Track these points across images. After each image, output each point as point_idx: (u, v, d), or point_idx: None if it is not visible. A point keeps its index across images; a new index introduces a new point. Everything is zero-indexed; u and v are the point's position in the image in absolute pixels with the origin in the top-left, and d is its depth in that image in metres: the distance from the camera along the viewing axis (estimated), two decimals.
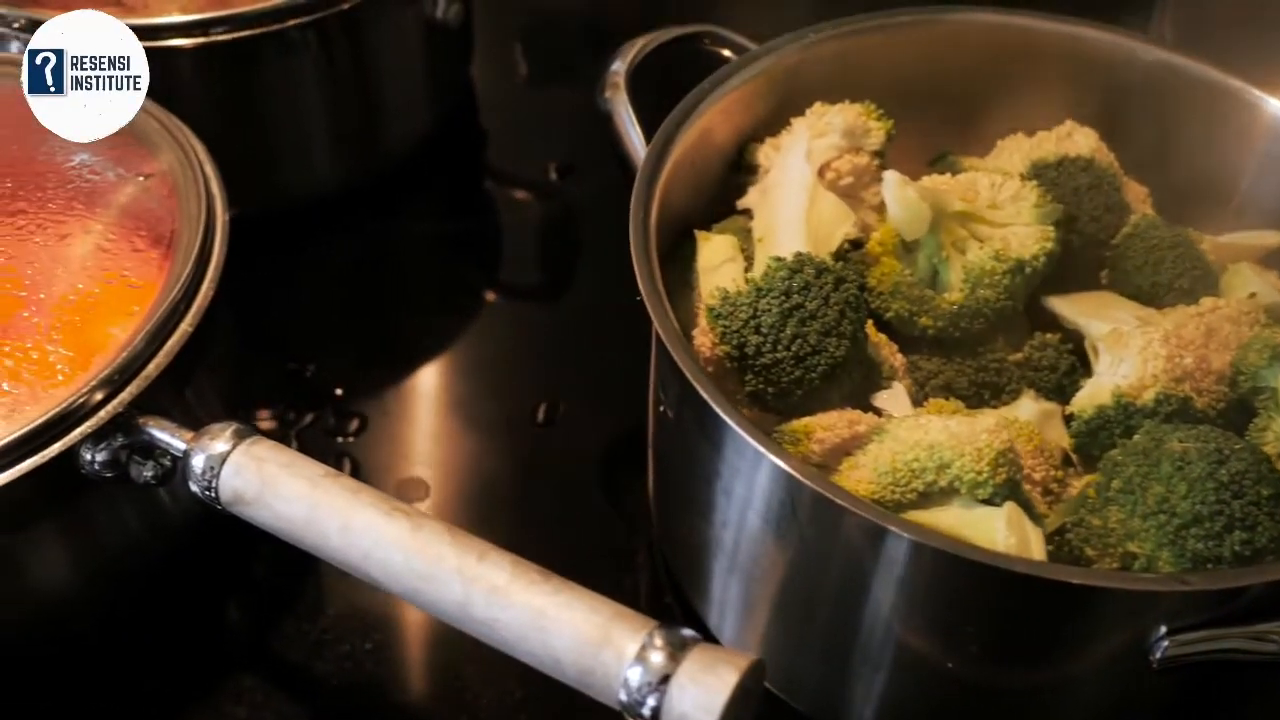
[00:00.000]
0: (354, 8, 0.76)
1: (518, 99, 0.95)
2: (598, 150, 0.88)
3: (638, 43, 0.69)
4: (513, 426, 0.75)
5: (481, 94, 0.93)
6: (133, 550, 0.62)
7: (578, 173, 0.90)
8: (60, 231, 0.60)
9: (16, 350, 0.55)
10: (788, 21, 0.69)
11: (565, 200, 0.89)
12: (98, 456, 0.54)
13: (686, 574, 0.64)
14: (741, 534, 0.56)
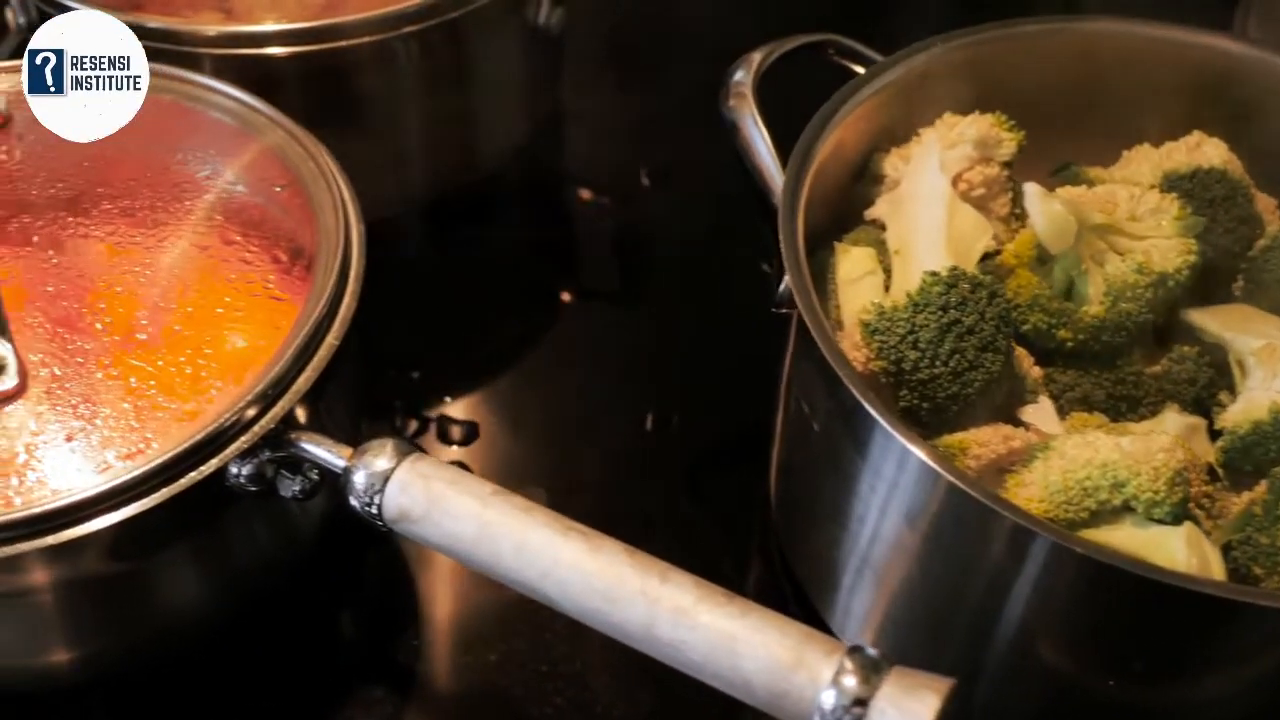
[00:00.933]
0: (459, 18, 0.75)
1: (603, 105, 0.94)
2: (690, 155, 0.90)
3: (761, 51, 0.68)
4: (623, 433, 0.74)
5: (568, 100, 0.92)
6: (259, 564, 0.61)
7: (669, 179, 0.89)
8: (201, 243, 0.59)
9: (170, 364, 0.55)
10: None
11: (657, 207, 0.89)
12: (244, 471, 0.53)
13: (812, 579, 0.64)
14: (880, 543, 0.57)
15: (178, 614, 0.59)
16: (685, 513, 0.72)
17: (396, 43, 0.75)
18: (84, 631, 0.57)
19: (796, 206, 0.59)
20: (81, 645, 0.58)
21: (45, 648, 0.58)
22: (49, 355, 0.54)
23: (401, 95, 0.79)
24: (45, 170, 0.61)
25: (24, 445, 0.52)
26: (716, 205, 0.86)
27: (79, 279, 0.57)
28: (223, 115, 0.64)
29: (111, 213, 0.60)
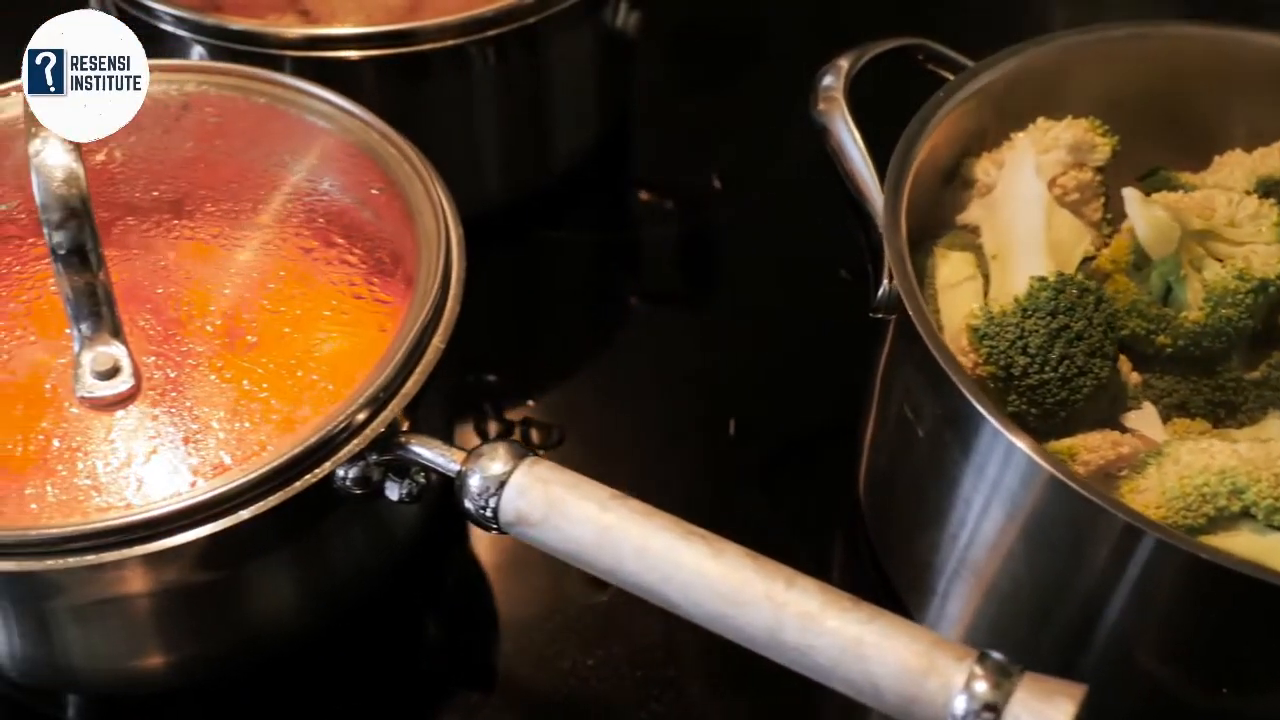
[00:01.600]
0: (538, 22, 0.75)
1: (674, 107, 0.94)
2: (761, 157, 0.90)
3: (850, 55, 0.68)
4: (701, 438, 0.74)
5: (639, 102, 0.92)
6: (355, 569, 0.61)
7: (741, 182, 0.89)
8: (304, 245, 0.59)
9: (279, 368, 0.55)
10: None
11: (729, 210, 0.88)
12: (351, 474, 0.53)
13: (907, 581, 0.64)
14: (983, 546, 0.57)
15: (273, 619, 0.58)
16: (766, 516, 0.72)
17: (473, 47, 0.75)
18: (181, 636, 0.57)
19: (899, 211, 0.59)
20: (178, 649, 0.58)
21: (144, 651, 0.58)
22: (161, 357, 0.54)
23: (477, 99, 0.79)
24: (147, 174, 0.61)
25: (139, 448, 0.52)
26: (789, 208, 0.86)
27: (186, 281, 0.57)
28: (316, 118, 0.64)
29: (215, 215, 0.60)
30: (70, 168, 0.50)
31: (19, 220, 0.59)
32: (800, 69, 0.95)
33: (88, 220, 0.50)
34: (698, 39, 0.94)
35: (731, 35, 0.99)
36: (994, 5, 0.96)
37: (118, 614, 0.55)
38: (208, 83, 0.66)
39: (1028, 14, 0.81)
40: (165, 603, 0.55)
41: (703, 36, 0.96)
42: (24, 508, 0.50)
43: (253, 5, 0.79)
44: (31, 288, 0.56)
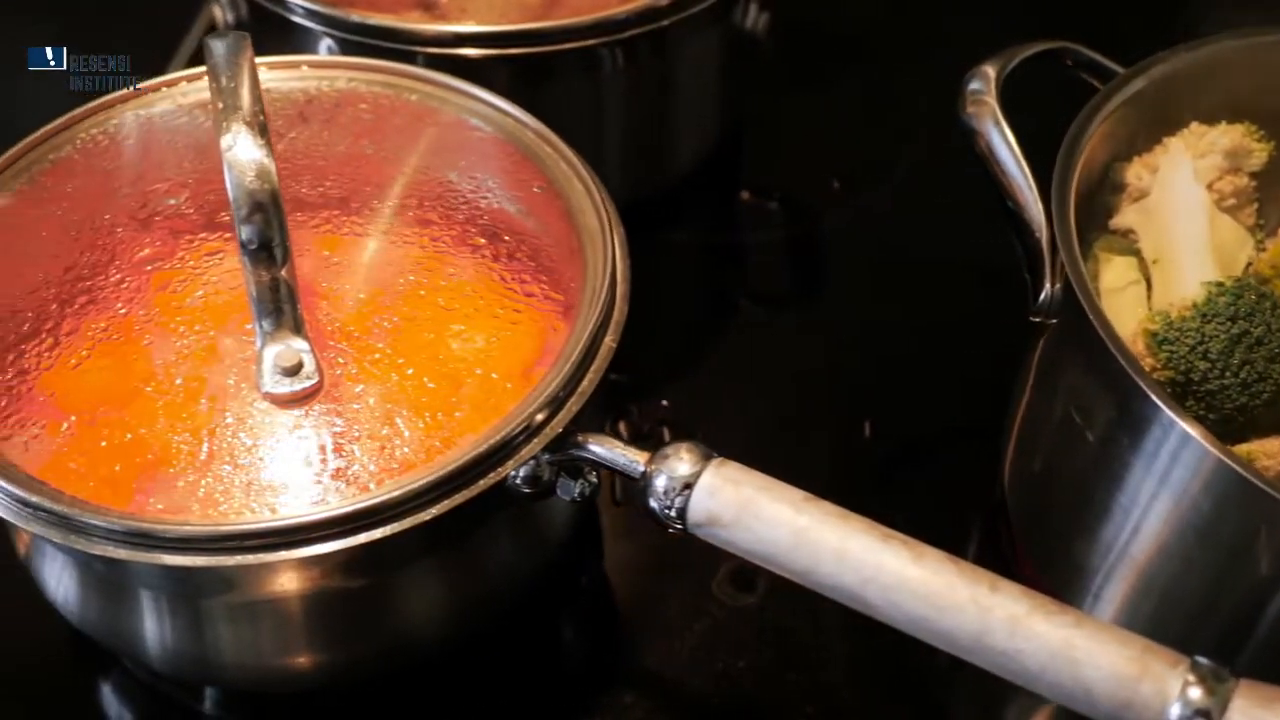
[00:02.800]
0: (671, 25, 0.74)
1: (794, 107, 0.93)
2: (881, 158, 0.90)
3: (999, 59, 0.67)
4: (833, 437, 0.74)
5: (761, 102, 0.92)
6: (510, 570, 0.60)
7: (861, 184, 0.89)
8: (471, 243, 0.59)
9: (456, 366, 0.54)
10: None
11: (847, 211, 0.88)
12: (523, 473, 0.53)
13: (1059, 579, 0.63)
14: (1152, 548, 0.57)
15: (425, 622, 0.58)
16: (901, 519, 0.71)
17: (604, 49, 0.74)
18: (332, 637, 0.57)
19: (1069, 217, 0.59)
20: (327, 650, 0.58)
21: (293, 650, 0.57)
22: (339, 354, 0.54)
23: (603, 100, 0.78)
24: (311, 170, 0.61)
25: (324, 445, 0.51)
26: (908, 209, 0.86)
27: (357, 278, 0.57)
28: (469, 116, 0.64)
29: (381, 212, 0.59)
30: (262, 163, 0.50)
31: (188, 215, 0.58)
32: (911, 68, 0.96)
33: (277, 215, 0.50)
34: (807, 37, 0.93)
35: (840, 34, 0.99)
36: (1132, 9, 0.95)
37: (274, 612, 0.55)
38: (357, 79, 0.65)
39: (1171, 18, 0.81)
40: (323, 603, 0.55)
41: (812, 35, 0.95)
42: (208, 503, 0.50)
43: (379, 4, 0.79)
44: (207, 282, 0.56)
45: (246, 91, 0.52)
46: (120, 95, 0.63)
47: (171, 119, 0.63)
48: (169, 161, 0.61)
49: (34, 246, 0.57)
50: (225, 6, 0.79)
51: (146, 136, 0.62)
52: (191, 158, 0.61)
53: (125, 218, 0.58)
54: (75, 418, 0.52)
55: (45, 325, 0.55)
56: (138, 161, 0.61)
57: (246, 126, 0.51)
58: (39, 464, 0.51)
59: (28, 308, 0.55)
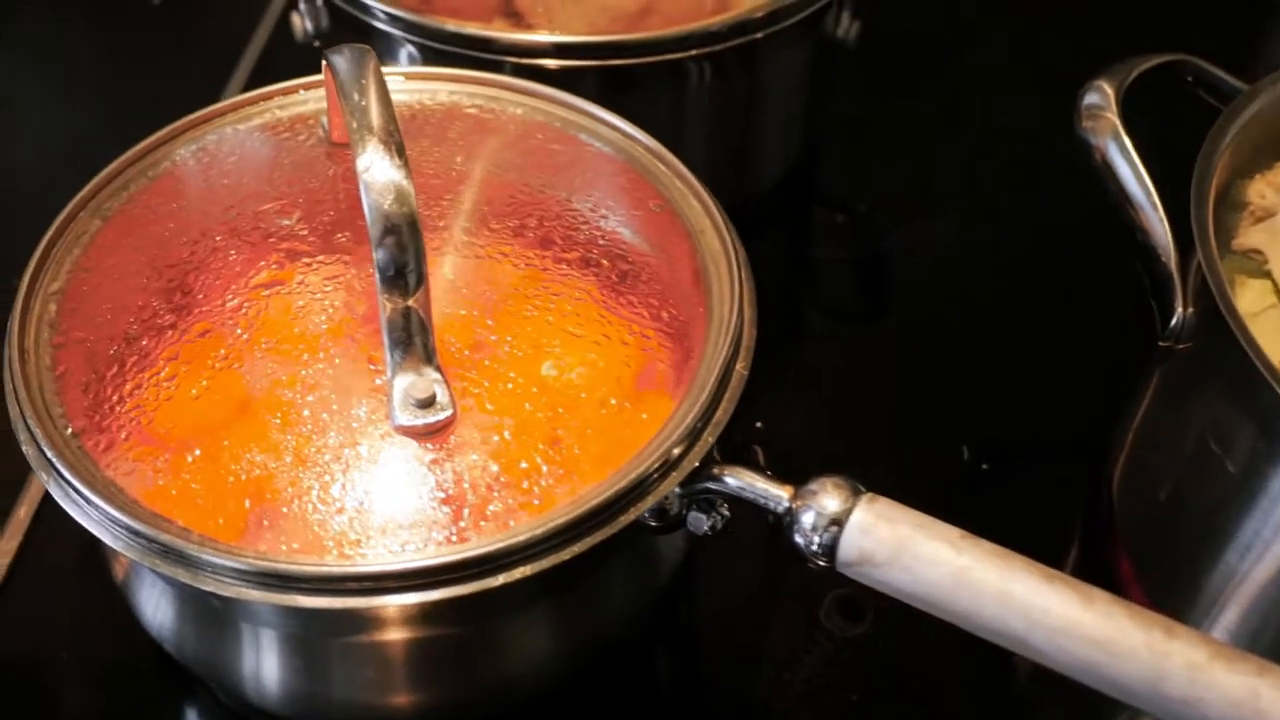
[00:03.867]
0: (764, 37, 0.72)
1: (879, 118, 0.92)
2: (969, 172, 0.88)
3: (1117, 73, 0.66)
4: (941, 467, 0.72)
5: (847, 112, 0.90)
6: (624, 605, 0.58)
7: (941, 195, 0.87)
8: (594, 265, 0.57)
9: (591, 396, 0.52)
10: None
11: (929, 226, 0.86)
12: (654, 508, 0.51)
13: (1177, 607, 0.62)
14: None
15: (535, 662, 0.56)
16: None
17: (692, 62, 0.72)
18: (445, 678, 0.55)
19: (1209, 239, 0.57)
20: (437, 691, 0.56)
21: (404, 689, 0.56)
22: (470, 384, 0.52)
23: (689, 111, 0.76)
24: (425, 190, 0.58)
25: (461, 480, 0.49)
26: (998, 225, 0.85)
27: (481, 302, 0.55)
28: (578, 132, 0.62)
29: (500, 233, 0.57)
30: (401, 185, 0.48)
31: (302, 236, 0.56)
32: (998, 80, 0.95)
33: (414, 241, 0.48)
34: (889, 45, 0.92)
35: (921, 44, 0.97)
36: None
37: (387, 652, 0.53)
38: (459, 93, 0.63)
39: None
40: (438, 644, 0.53)
41: (895, 43, 0.94)
42: (341, 542, 0.48)
43: (463, 7, 0.77)
44: (327, 307, 0.54)
45: (379, 109, 0.50)
46: (217, 109, 0.61)
47: (272, 134, 0.60)
48: (275, 179, 0.58)
49: (139, 270, 0.55)
50: (304, 14, 0.77)
51: (248, 152, 0.60)
52: (299, 175, 0.59)
53: (236, 239, 0.56)
54: (199, 450, 0.49)
55: (160, 352, 0.52)
56: (242, 179, 0.59)
57: (383, 146, 0.49)
58: (160, 498, 0.48)
59: (141, 334, 0.53)
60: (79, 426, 0.50)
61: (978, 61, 0.96)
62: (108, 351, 0.52)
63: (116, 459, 0.49)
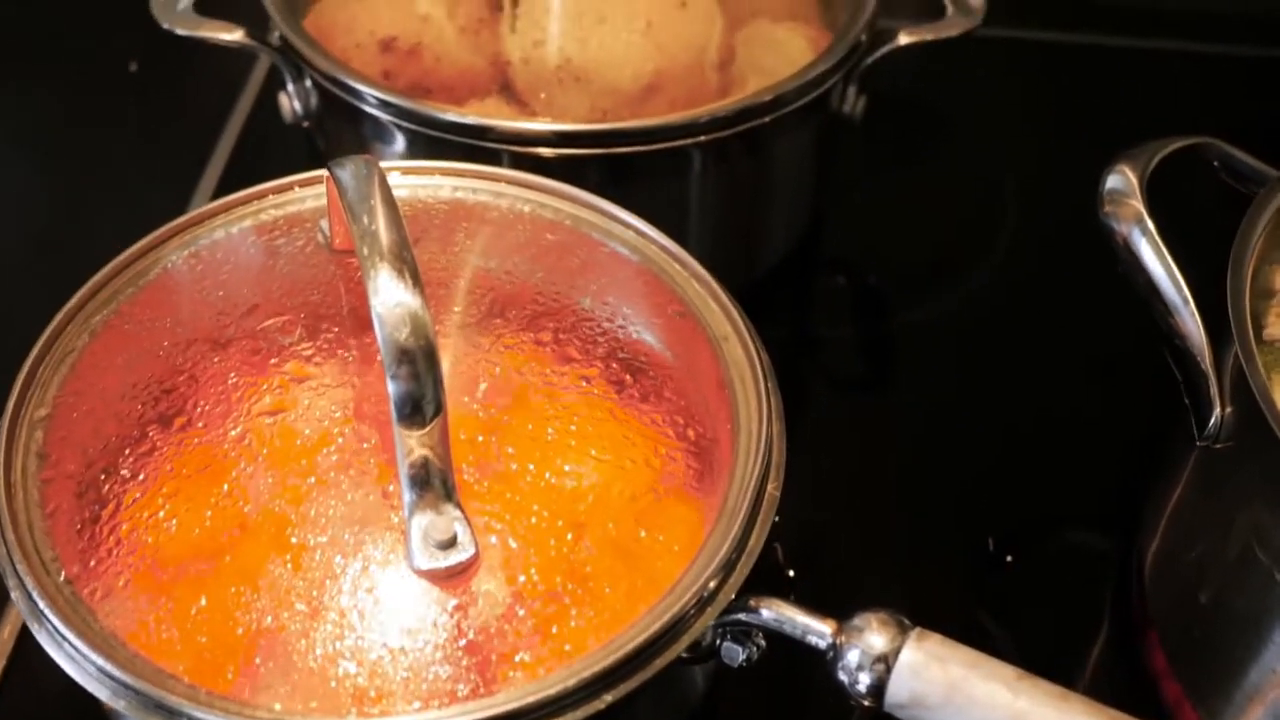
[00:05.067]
0: (772, 120, 0.70)
1: (885, 191, 0.89)
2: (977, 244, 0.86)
3: (1140, 156, 0.64)
4: (966, 558, 0.70)
5: (852, 185, 0.88)
6: None
7: (954, 266, 0.85)
8: (616, 381, 0.54)
9: (618, 525, 0.50)
10: None
11: (946, 299, 0.84)
12: None
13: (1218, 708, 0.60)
14: None
15: None
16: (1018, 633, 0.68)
17: (695, 149, 0.70)
18: None
19: (1249, 340, 0.55)
20: None
21: None
22: (490, 515, 0.49)
23: (692, 197, 0.73)
24: (433, 299, 0.56)
25: (487, 627, 0.46)
26: (1015, 295, 0.83)
27: (497, 422, 0.52)
28: (590, 230, 0.59)
29: (515, 347, 0.55)
30: (416, 313, 0.45)
31: (306, 355, 0.53)
32: (1001, 145, 0.93)
33: (431, 371, 0.45)
34: (894, 116, 0.89)
35: (929, 112, 0.95)
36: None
37: None
38: (462, 188, 0.60)
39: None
40: None
41: (899, 113, 0.91)
42: (363, 699, 0.45)
43: (458, 86, 0.74)
44: (339, 434, 0.51)
45: (390, 230, 0.47)
46: (208, 210, 0.58)
47: (268, 238, 0.57)
48: (273, 290, 0.55)
49: (132, 392, 0.52)
50: (292, 94, 0.74)
51: (243, 258, 0.57)
52: (298, 285, 0.56)
53: (235, 357, 0.53)
54: (204, 598, 0.46)
55: (159, 487, 0.49)
56: (237, 288, 0.56)
57: (395, 272, 0.46)
58: (163, 651, 0.45)
59: (138, 467, 0.50)
60: (72, 572, 0.47)
61: (988, 129, 0.94)
62: (102, 487, 0.49)
63: (114, 608, 0.46)
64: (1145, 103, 0.98)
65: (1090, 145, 0.92)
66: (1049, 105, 0.97)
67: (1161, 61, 1.02)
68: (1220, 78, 1.01)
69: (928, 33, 0.75)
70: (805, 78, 0.69)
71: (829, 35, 0.78)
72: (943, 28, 0.75)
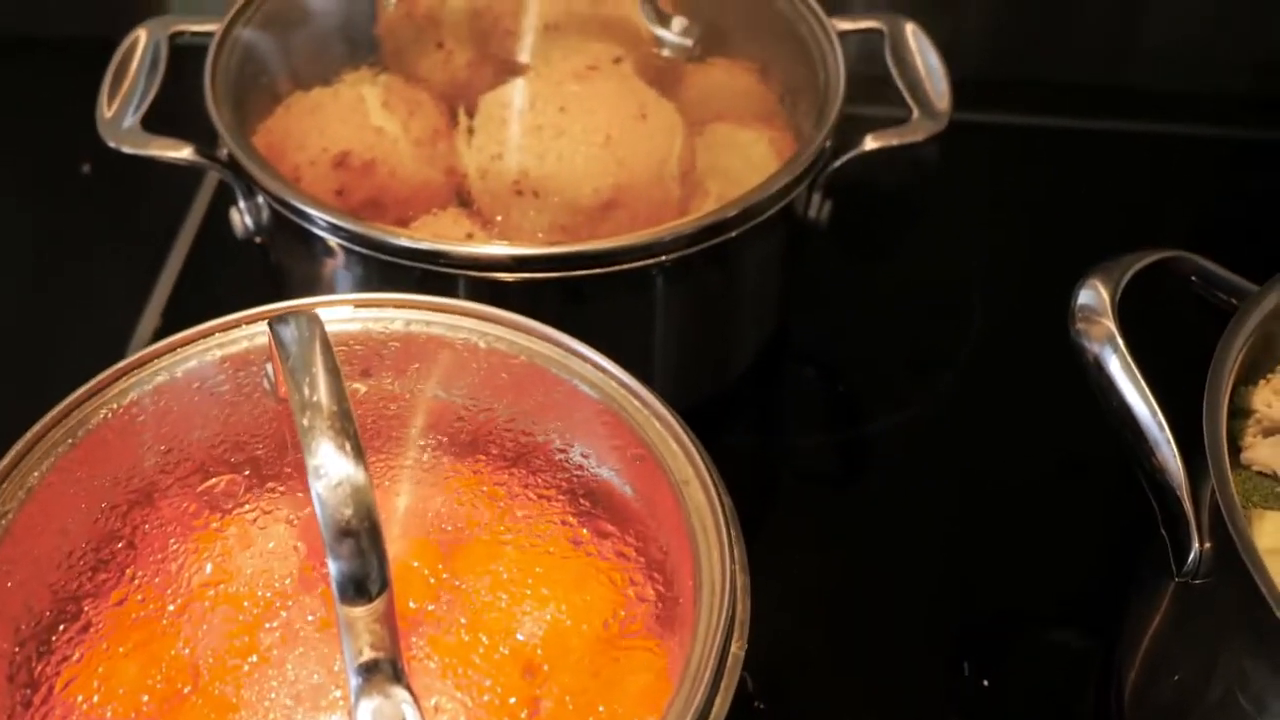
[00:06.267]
0: (738, 235, 0.68)
1: (851, 293, 0.88)
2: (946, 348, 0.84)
3: (1112, 271, 0.62)
4: (941, 679, 0.68)
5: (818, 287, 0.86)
6: None
7: (925, 372, 0.83)
8: (572, 535, 0.52)
9: (577, 697, 0.47)
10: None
11: (913, 403, 0.82)
12: None
13: None
14: None
15: None
16: None
17: (656, 268, 0.67)
18: None
19: (1226, 473, 0.53)
20: None
21: None
22: (446, 697, 0.47)
23: (656, 314, 0.72)
24: (383, 436, 0.54)
25: None
26: (988, 398, 0.81)
27: (455, 574, 0.50)
28: (548, 365, 0.57)
29: (477, 487, 0.53)
30: (357, 485, 0.43)
31: (250, 519, 0.51)
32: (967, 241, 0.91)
33: (375, 547, 0.43)
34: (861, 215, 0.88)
35: (897, 211, 0.93)
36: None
37: None
38: (415, 321, 0.58)
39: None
40: None
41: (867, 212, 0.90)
42: None
43: (415, 200, 0.72)
44: (284, 608, 0.48)
45: (330, 396, 0.45)
46: (150, 351, 0.56)
47: (209, 380, 0.55)
48: (218, 441, 0.54)
49: (68, 560, 0.50)
50: (244, 210, 0.72)
51: (184, 403, 0.55)
52: (239, 430, 0.54)
53: (174, 519, 0.51)
54: None
55: (95, 667, 0.47)
56: (179, 440, 0.54)
57: (334, 442, 0.44)
58: None
59: (73, 646, 0.48)
60: None
61: (955, 217, 0.93)
62: (34, 668, 0.47)
63: None
64: (1115, 184, 0.98)
65: (1061, 232, 0.92)
66: (1016, 190, 0.96)
67: (1130, 142, 1.01)
68: (1192, 158, 1.01)
69: (893, 137, 0.73)
70: (769, 190, 0.68)
71: (791, 136, 0.77)
72: (908, 132, 0.73)
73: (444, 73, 0.77)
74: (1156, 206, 0.96)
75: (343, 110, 0.72)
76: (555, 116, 0.69)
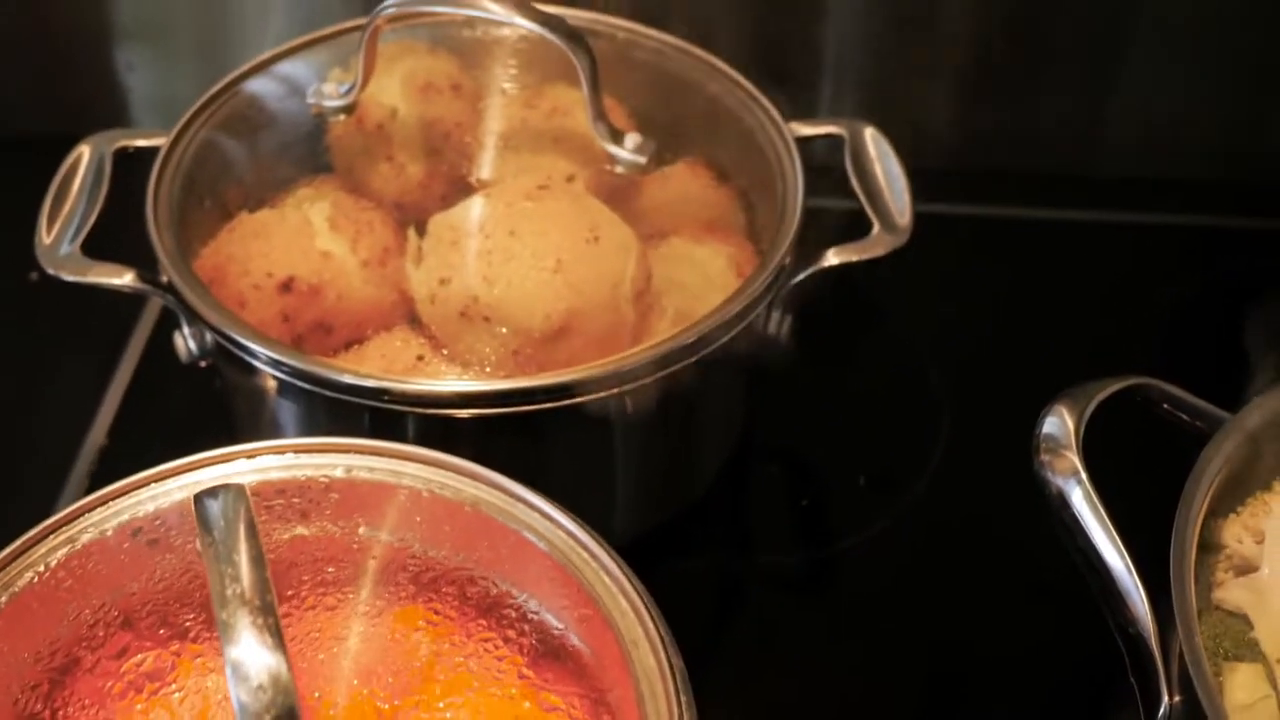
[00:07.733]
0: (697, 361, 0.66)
1: (798, 394, 0.86)
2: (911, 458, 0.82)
3: (1076, 400, 0.61)
4: None
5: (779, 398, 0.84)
6: None
7: (890, 485, 0.82)
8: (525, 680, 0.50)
9: None
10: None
11: (876, 516, 0.80)
12: None
13: None
14: None
15: None
16: None
17: (612, 400, 0.66)
18: None
19: (1193, 625, 0.52)
20: None
21: None
22: None
23: (613, 441, 0.70)
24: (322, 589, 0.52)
25: None
26: (940, 518, 0.79)
27: None
28: (497, 514, 0.55)
29: (418, 640, 0.51)
30: (276, 674, 0.41)
31: (170, 696, 0.49)
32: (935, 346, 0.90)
33: None
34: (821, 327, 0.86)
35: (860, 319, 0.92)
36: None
37: None
38: (357, 467, 0.56)
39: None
40: None
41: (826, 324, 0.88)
42: None
43: (364, 321, 0.70)
44: None
45: (252, 577, 0.43)
46: (77, 509, 0.54)
47: (137, 538, 0.53)
48: (138, 604, 0.51)
49: None
50: (188, 336, 0.70)
51: (110, 565, 0.53)
52: (166, 595, 0.52)
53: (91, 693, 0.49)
54: None
55: None
56: (104, 609, 0.51)
57: (253, 627, 0.42)
58: None
59: None
60: None
61: (919, 314, 0.92)
62: None
63: None
64: (1084, 274, 0.96)
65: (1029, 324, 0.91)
66: (983, 282, 0.95)
67: (1093, 231, 1.00)
68: (1158, 246, 1.00)
69: (853, 253, 0.71)
70: (727, 314, 0.66)
71: (749, 248, 0.76)
72: (869, 247, 0.72)
73: (395, 186, 0.76)
74: (1127, 296, 0.94)
75: (288, 234, 0.70)
76: (505, 240, 0.67)
